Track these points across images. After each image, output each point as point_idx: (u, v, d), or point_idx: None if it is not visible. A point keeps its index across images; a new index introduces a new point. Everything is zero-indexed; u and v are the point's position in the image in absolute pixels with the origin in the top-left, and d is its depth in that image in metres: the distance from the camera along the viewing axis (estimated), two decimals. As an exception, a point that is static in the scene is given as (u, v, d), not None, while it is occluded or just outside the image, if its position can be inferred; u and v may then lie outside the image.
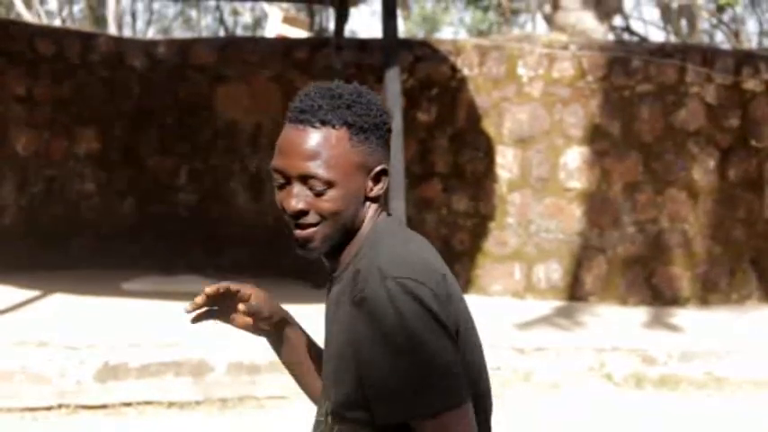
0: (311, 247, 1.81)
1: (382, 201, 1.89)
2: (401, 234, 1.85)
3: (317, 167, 1.76)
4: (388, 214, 1.90)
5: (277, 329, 1.97)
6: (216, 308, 1.92)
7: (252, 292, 1.91)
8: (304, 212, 1.79)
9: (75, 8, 23.01)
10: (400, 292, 1.68)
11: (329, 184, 1.77)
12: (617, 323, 7.83)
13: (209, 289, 1.87)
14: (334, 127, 1.77)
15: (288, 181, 1.79)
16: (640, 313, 8.38)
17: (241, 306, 1.90)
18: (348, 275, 1.80)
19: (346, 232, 1.83)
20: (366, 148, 1.80)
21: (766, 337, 7.44)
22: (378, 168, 1.82)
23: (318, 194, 1.77)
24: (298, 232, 1.80)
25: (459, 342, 1.75)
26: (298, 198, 1.78)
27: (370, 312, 1.69)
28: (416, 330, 1.66)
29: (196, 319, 1.92)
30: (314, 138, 1.77)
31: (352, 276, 1.77)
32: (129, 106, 9.78)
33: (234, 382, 5.76)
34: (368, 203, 1.84)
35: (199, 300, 1.87)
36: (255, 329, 1.96)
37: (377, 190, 1.84)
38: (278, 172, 1.80)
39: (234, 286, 1.89)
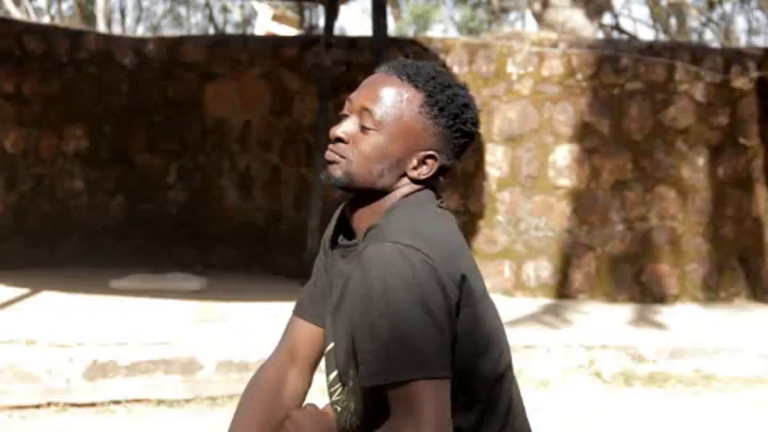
0: (331, 172, 1.81)
1: (431, 192, 1.83)
2: (426, 211, 1.80)
3: (376, 105, 1.78)
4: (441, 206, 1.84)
5: None
6: None
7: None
8: (340, 140, 1.81)
9: (64, 5, 22.95)
10: (393, 254, 1.66)
11: (377, 126, 1.78)
12: (606, 321, 7.84)
13: None
14: (416, 87, 1.79)
15: (349, 113, 1.82)
16: (629, 311, 8.39)
17: None
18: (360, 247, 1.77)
19: (369, 191, 1.80)
20: (431, 125, 1.79)
21: (754, 334, 7.46)
22: (429, 152, 1.80)
23: (363, 131, 1.79)
24: (327, 153, 1.83)
25: (463, 318, 1.74)
26: (345, 127, 1.81)
27: (361, 270, 1.68)
28: (398, 295, 1.63)
29: None
30: (392, 85, 1.79)
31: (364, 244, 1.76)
32: (118, 104, 9.75)
33: (223, 380, 5.75)
34: (405, 180, 1.81)
35: None
36: None
37: (418, 173, 1.80)
38: (348, 100, 1.84)
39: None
